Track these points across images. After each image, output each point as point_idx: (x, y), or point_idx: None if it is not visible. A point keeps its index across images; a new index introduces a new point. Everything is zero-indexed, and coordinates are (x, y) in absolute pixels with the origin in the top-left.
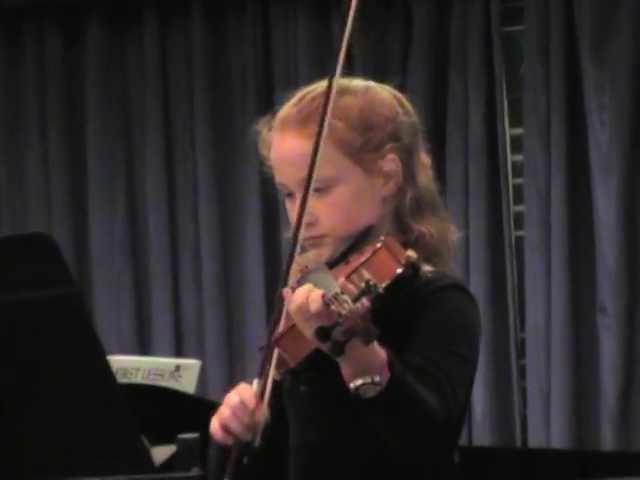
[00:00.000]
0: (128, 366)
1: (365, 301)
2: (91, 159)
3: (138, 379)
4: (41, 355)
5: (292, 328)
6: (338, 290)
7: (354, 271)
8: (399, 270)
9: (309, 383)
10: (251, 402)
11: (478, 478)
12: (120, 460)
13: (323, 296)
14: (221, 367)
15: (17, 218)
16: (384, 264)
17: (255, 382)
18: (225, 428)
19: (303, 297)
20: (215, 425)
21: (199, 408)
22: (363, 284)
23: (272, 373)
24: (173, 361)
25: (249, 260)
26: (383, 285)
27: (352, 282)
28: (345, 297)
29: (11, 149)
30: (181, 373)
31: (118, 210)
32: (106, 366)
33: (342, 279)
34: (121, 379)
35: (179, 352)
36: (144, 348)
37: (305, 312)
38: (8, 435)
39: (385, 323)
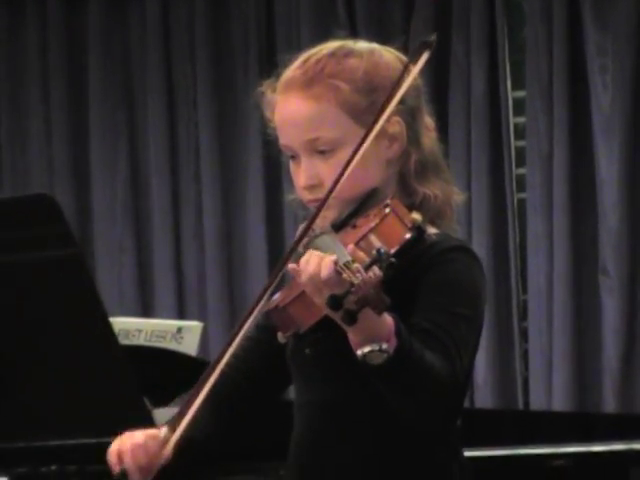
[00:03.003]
0: (130, 328)
1: (377, 270)
2: (93, 120)
3: (140, 341)
4: (43, 316)
5: (302, 295)
6: (349, 258)
7: (362, 237)
8: (407, 235)
9: (314, 345)
10: (152, 448)
11: (480, 441)
12: (122, 421)
13: (335, 263)
14: (223, 329)
15: (19, 179)
16: (393, 230)
17: (164, 429)
18: (119, 458)
19: (315, 264)
20: (113, 449)
21: (201, 370)
22: (374, 252)
23: (196, 406)
24: (175, 323)
25: (251, 222)
26: (393, 251)
27: (362, 249)
28: (357, 265)
29: (13, 111)
30: (183, 335)
31: (120, 171)
32: (108, 327)
33: (352, 246)
34: (123, 341)
35: (181, 314)
36: (146, 310)
37: (316, 279)
38: (11, 395)
39: (390, 286)
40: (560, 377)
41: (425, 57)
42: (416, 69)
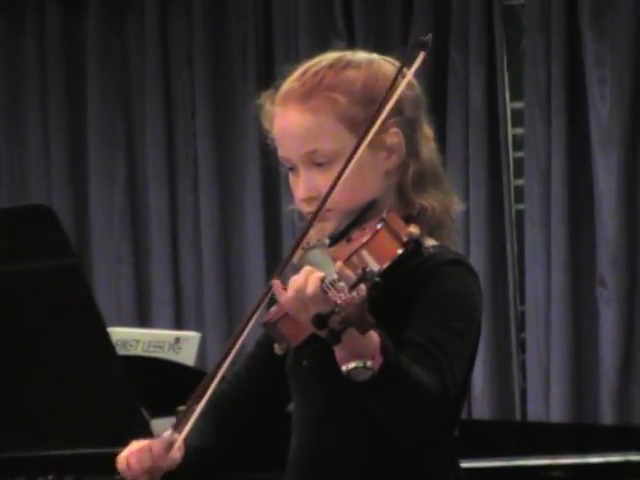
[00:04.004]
0: (128, 338)
1: (361, 289)
2: (91, 129)
3: (138, 351)
4: (41, 326)
5: None
6: (335, 276)
7: (354, 253)
8: (399, 251)
9: (311, 357)
10: (157, 449)
11: (477, 451)
12: (119, 431)
13: (321, 281)
14: (220, 339)
15: (17, 188)
16: (384, 245)
17: (168, 431)
18: (127, 462)
19: (302, 279)
20: (121, 456)
21: (198, 380)
22: (360, 271)
23: (198, 411)
24: (173, 333)
25: (249, 232)
26: (384, 268)
27: (351, 266)
28: (342, 284)
29: (11, 119)
30: (181, 345)
31: (118, 181)
32: (106, 337)
33: (340, 263)
34: (120, 351)
35: (179, 324)
36: (143, 320)
37: (302, 295)
38: (8, 405)
39: (386, 299)
40: (558, 388)
41: (420, 58)
42: (411, 71)
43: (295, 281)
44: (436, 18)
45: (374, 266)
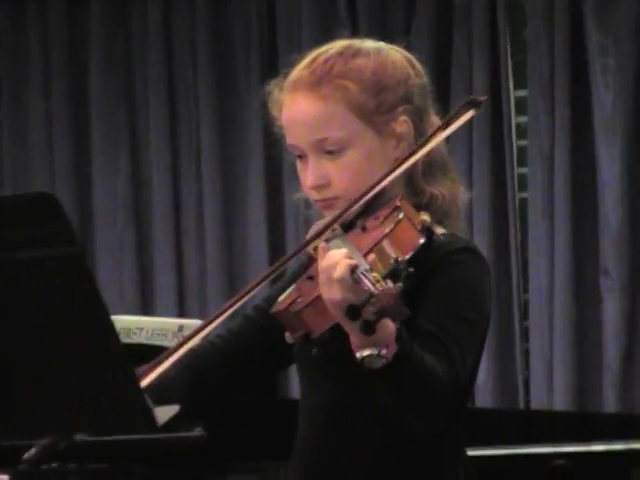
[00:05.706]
0: (131, 326)
1: (396, 280)
2: (94, 119)
3: (141, 339)
4: (44, 315)
5: (316, 300)
6: (367, 266)
7: (377, 244)
8: (421, 240)
9: (321, 346)
10: None
11: (480, 440)
12: (123, 419)
13: (352, 269)
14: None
15: (20, 178)
16: (406, 235)
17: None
18: None
19: (334, 259)
20: None
21: None
22: (392, 261)
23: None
24: (176, 321)
25: (252, 221)
26: (407, 258)
27: (379, 256)
28: (375, 275)
29: (14, 110)
30: (184, 333)
31: (121, 170)
32: (109, 326)
33: (368, 253)
34: (124, 339)
35: (182, 312)
36: (147, 308)
37: (329, 274)
38: (10, 394)
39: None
40: (561, 377)
41: (469, 115)
42: (456, 124)
43: (329, 258)
44: (439, 7)
45: (399, 256)
